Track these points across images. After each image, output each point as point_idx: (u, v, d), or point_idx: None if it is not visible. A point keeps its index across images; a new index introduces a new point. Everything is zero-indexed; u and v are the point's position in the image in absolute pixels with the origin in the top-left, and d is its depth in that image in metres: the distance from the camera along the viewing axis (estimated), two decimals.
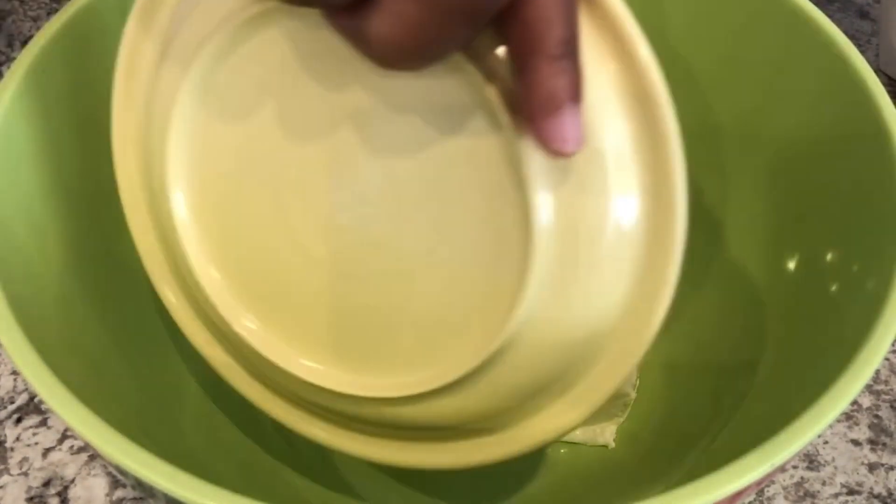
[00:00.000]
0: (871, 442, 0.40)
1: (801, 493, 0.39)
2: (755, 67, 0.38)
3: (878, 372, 0.42)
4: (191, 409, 0.37)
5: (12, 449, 0.39)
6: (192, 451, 0.34)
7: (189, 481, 0.23)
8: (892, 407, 0.41)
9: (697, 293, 0.41)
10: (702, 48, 0.39)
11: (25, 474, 0.39)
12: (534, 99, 0.22)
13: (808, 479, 0.39)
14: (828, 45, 0.34)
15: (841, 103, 0.34)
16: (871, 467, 0.40)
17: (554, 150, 0.23)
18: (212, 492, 0.23)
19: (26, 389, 0.41)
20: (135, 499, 0.38)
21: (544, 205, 0.24)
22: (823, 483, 0.39)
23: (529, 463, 0.39)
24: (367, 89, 0.26)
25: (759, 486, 0.28)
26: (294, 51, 0.26)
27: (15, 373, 0.42)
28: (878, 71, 0.44)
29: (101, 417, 0.25)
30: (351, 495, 0.38)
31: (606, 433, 0.39)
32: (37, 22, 0.58)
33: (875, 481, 0.39)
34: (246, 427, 0.38)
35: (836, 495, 0.39)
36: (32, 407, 0.41)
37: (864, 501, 0.39)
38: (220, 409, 0.38)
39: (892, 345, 0.27)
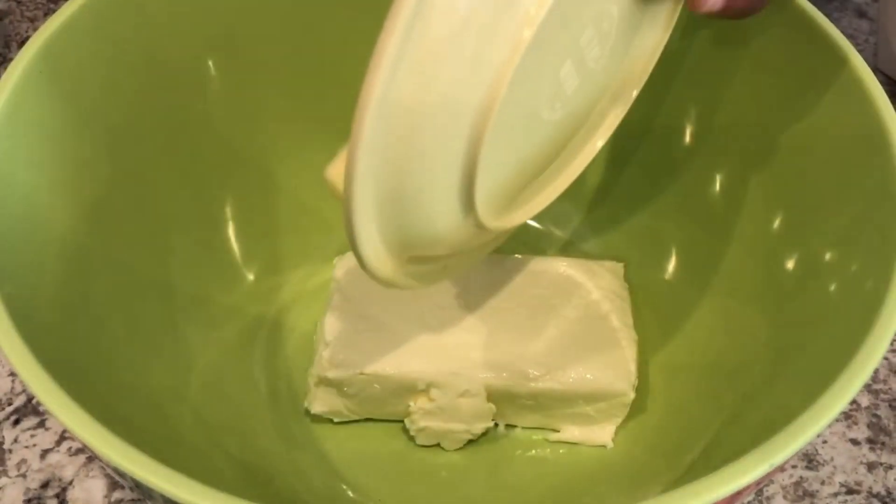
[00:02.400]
0: (870, 441, 0.40)
1: (800, 493, 0.39)
2: (753, 67, 0.38)
3: (876, 371, 0.42)
4: (189, 409, 0.37)
5: (10, 451, 0.39)
6: (190, 452, 0.34)
7: (187, 483, 0.23)
8: (890, 406, 0.41)
9: (697, 292, 0.41)
10: (701, 48, 0.39)
11: (24, 476, 0.38)
12: None
13: (807, 479, 0.39)
14: (826, 44, 0.34)
15: (839, 102, 0.34)
16: (870, 466, 0.40)
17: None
18: (210, 493, 0.23)
19: (24, 391, 0.41)
20: (133, 500, 0.38)
21: None
22: (822, 482, 0.39)
23: (529, 463, 0.39)
24: None
25: (759, 486, 0.28)
26: None
27: (13, 374, 0.42)
28: (876, 70, 0.44)
29: (99, 419, 0.25)
30: (350, 497, 0.38)
31: (605, 433, 0.39)
32: (34, 23, 0.58)
33: (874, 480, 0.39)
34: (245, 428, 0.38)
35: (835, 495, 0.39)
36: (30, 408, 0.41)
37: (863, 501, 0.39)
38: (219, 410, 0.38)
39: (891, 344, 0.27)
